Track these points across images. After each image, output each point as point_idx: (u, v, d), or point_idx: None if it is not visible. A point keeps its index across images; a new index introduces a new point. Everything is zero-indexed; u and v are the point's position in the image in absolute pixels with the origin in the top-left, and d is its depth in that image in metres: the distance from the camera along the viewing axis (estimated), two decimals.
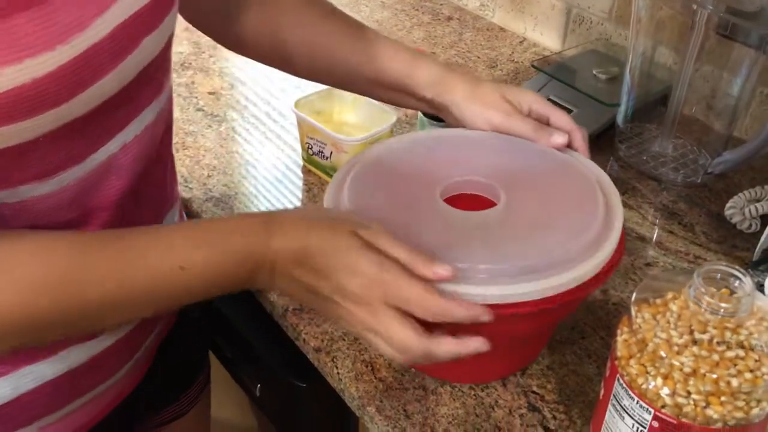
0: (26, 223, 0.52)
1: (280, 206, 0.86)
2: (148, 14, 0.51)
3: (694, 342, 0.48)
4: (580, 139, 0.69)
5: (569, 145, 0.69)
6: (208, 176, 0.90)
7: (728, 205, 0.85)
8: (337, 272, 0.51)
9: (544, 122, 0.70)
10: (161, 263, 0.50)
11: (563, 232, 0.59)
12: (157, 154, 0.61)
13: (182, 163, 0.92)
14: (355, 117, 0.92)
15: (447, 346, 0.52)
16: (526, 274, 0.55)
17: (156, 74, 0.57)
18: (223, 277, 0.52)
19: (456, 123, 0.72)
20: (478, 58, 1.18)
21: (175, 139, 0.96)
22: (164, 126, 0.62)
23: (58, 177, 0.51)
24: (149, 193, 0.62)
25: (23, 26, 0.43)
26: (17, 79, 0.43)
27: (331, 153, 0.87)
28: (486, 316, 0.52)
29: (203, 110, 1.03)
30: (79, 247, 0.50)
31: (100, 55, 0.48)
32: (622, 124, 0.97)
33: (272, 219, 0.53)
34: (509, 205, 0.62)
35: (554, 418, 0.62)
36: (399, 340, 0.51)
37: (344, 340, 0.69)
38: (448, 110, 0.71)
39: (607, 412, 0.53)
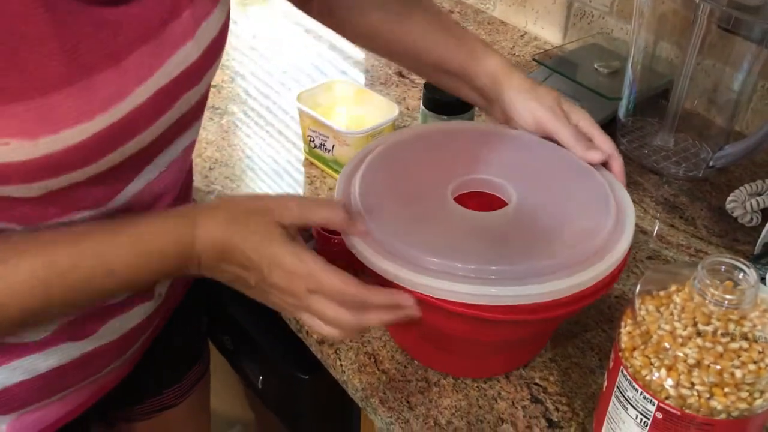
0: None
1: None
2: (192, 74, 0.52)
3: (698, 333, 0.49)
4: (618, 165, 0.68)
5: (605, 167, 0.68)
6: (210, 169, 0.90)
7: (729, 198, 0.85)
8: (260, 264, 0.52)
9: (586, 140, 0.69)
10: (91, 269, 0.50)
11: (573, 236, 0.58)
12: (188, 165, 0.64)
13: None
14: (357, 110, 0.92)
15: (377, 314, 0.53)
16: (533, 276, 0.55)
17: (194, 118, 0.58)
18: (150, 275, 0.53)
19: (500, 117, 0.72)
20: None
21: None
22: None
23: (106, 205, 0.53)
24: (186, 197, 0.66)
25: (63, 101, 0.43)
26: (51, 147, 0.44)
27: (333, 146, 0.87)
28: (409, 302, 0.54)
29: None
30: (7, 252, 0.49)
31: (138, 118, 0.48)
32: (623, 117, 0.97)
33: (194, 215, 0.54)
34: (520, 206, 0.61)
35: (557, 409, 0.63)
36: (331, 317, 0.52)
37: None
38: (499, 101, 0.70)
39: (611, 404, 0.53)
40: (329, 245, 0.72)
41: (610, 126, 0.98)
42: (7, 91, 0.41)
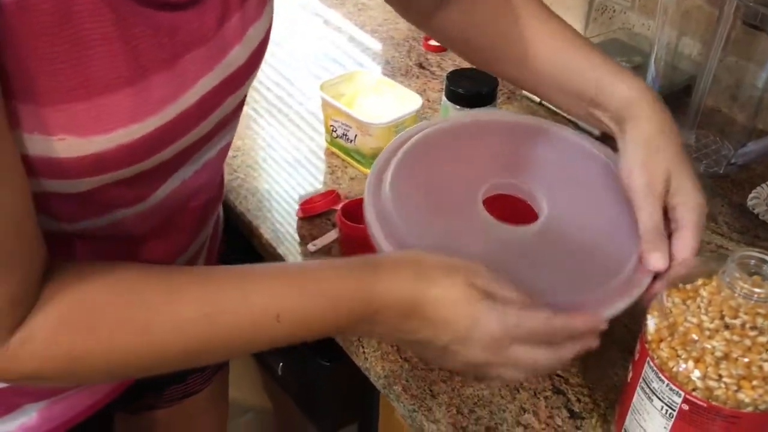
0: (115, 232, 0.53)
1: (305, 187, 0.87)
2: (236, 78, 0.52)
3: (726, 327, 0.49)
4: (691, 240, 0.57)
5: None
6: (233, 156, 0.91)
7: (751, 195, 0.86)
8: (456, 323, 0.50)
9: (669, 229, 0.59)
10: (259, 312, 0.48)
11: (598, 268, 0.57)
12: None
13: None
14: (379, 101, 0.92)
15: (573, 344, 0.52)
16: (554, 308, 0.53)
17: (233, 118, 0.58)
18: (319, 330, 0.51)
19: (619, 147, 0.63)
20: None
21: None
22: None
23: (142, 203, 0.53)
24: (219, 196, 0.66)
25: (121, 102, 0.43)
26: (102, 146, 0.44)
27: (356, 136, 0.87)
28: (604, 324, 0.53)
29: None
30: (173, 285, 0.48)
31: (185, 120, 0.49)
32: None
33: (376, 267, 0.51)
34: (549, 221, 0.60)
35: (578, 401, 0.63)
36: (529, 362, 0.51)
37: None
38: (618, 137, 0.63)
39: (636, 395, 0.54)
40: (352, 234, 0.72)
41: None
42: (70, 89, 0.41)
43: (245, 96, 0.59)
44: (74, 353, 0.46)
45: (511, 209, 0.62)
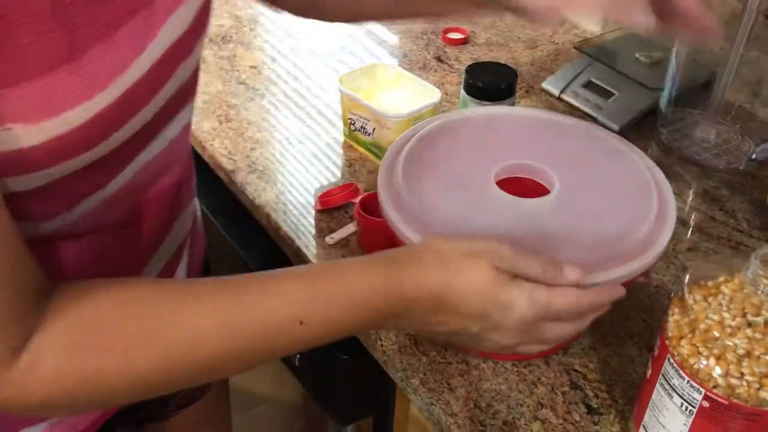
0: (89, 225, 0.51)
1: (323, 180, 0.87)
2: (183, 43, 0.50)
3: (748, 324, 0.49)
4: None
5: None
6: (252, 149, 0.91)
7: None
8: (486, 309, 0.50)
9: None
10: (281, 317, 0.47)
11: (616, 227, 0.59)
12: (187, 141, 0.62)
13: (225, 135, 0.93)
14: (398, 94, 0.92)
15: (593, 314, 0.55)
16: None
17: (189, 94, 0.56)
18: (345, 330, 0.50)
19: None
20: (519, 38, 1.17)
21: (218, 112, 0.97)
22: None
23: (111, 185, 0.51)
24: (188, 179, 0.64)
25: (64, 80, 0.41)
26: (57, 130, 0.42)
27: (374, 129, 0.87)
28: (623, 292, 0.56)
29: (245, 83, 1.03)
30: (189, 296, 0.47)
31: (137, 93, 0.46)
32: (664, 108, 0.96)
33: (398, 263, 0.50)
34: (562, 194, 0.62)
35: (596, 396, 0.63)
36: (555, 337, 0.53)
37: None
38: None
39: (655, 392, 0.54)
40: (371, 227, 0.72)
41: (650, 116, 0.98)
42: (9, 74, 0.39)
43: (197, 70, 0.56)
44: (89, 373, 0.44)
45: (524, 189, 0.63)
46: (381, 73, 0.93)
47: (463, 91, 0.92)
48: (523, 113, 0.74)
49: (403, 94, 0.92)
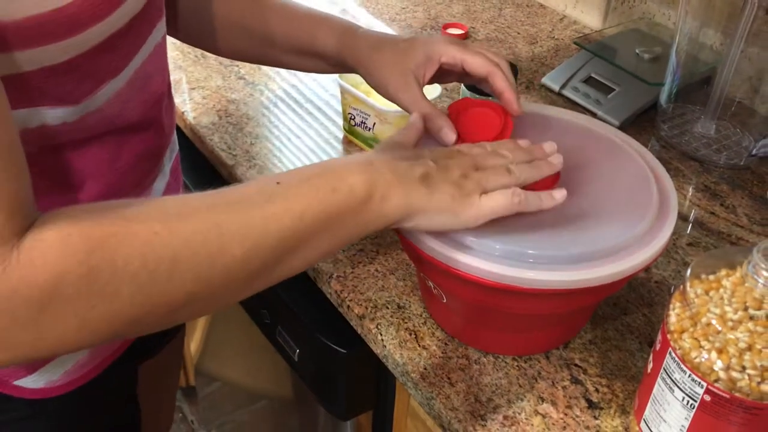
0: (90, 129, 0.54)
1: None
2: None
3: (750, 318, 0.49)
4: (500, 81, 0.64)
5: (496, 90, 0.65)
6: (251, 144, 0.91)
7: None
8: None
9: (458, 70, 0.67)
10: (258, 182, 0.50)
11: (617, 222, 0.59)
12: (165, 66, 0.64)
13: (225, 130, 0.93)
14: None
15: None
16: (578, 263, 0.55)
17: (158, 12, 0.59)
18: (320, 192, 0.49)
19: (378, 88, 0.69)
20: (518, 34, 1.17)
21: (217, 107, 0.97)
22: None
23: (103, 89, 0.52)
24: (170, 94, 0.66)
25: None
26: (41, 5, 0.43)
27: (374, 124, 0.87)
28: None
29: (245, 78, 1.03)
30: (177, 206, 0.46)
31: None
32: (665, 103, 0.96)
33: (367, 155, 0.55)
34: (564, 188, 0.61)
35: (597, 390, 0.63)
36: (498, 164, 0.57)
37: (388, 308, 0.70)
38: (363, 73, 0.70)
39: (656, 386, 0.54)
40: None
41: (650, 111, 0.98)
42: None
43: None
44: (96, 241, 0.41)
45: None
46: None
47: (463, 87, 0.92)
48: (525, 108, 0.74)
49: None
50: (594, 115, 0.98)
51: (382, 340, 0.67)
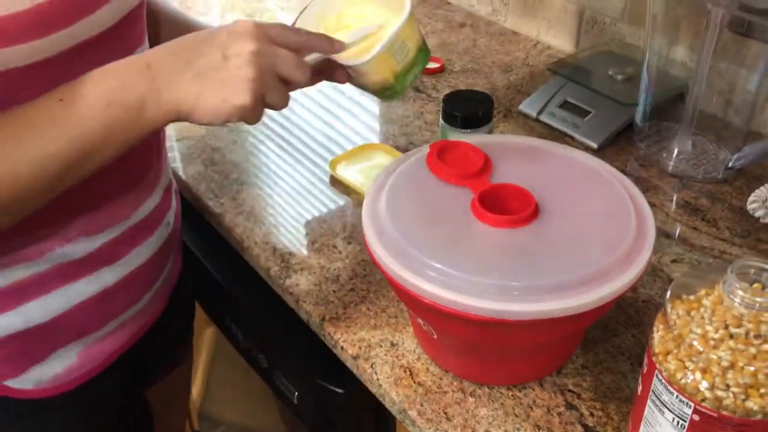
0: None
1: (309, 216, 0.88)
2: None
3: (731, 336, 0.50)
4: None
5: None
6: (238, 191, 0.92)
7: (750, 199, 0.86)
8: (217, 32, 0.56)
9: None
10: (41, 100, 0.54)
11: (597, 246, 0.60)
12: None
13: (211, 178, 0.94)
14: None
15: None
16: (562, 291, 0.57)
17: (137, 22, 0.65)
18: (101, 97, 0.54)
19: None
20: (493, 63, 1.20)
21: (202, 156, 0.98)
22: None
23: None
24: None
25: None
26: (17, 4, 0.50)
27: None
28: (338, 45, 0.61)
29: (228, 126, 1.05)
30: None
31: None
32: (640, 122, 0.98)
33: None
34: (542, 218, 0.63)
35: (592, 415, 0.64)
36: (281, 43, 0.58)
37: (381, 346, 0.71)
38: None
39: (647, 408, 0.55)
40: None
41: (627, 131, 1.00)
42: None
43: (142, 4, 0.65)
44: None
45: (505, 212, 0.63)
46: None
47: (441, 120, 0.93)
48: (501, 140, 0.76)
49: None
50: (572, 138, 0.99)
51: (378, 379, 0.68)
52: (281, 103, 0.58)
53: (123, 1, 0.61)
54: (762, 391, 0.48)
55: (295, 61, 0.57)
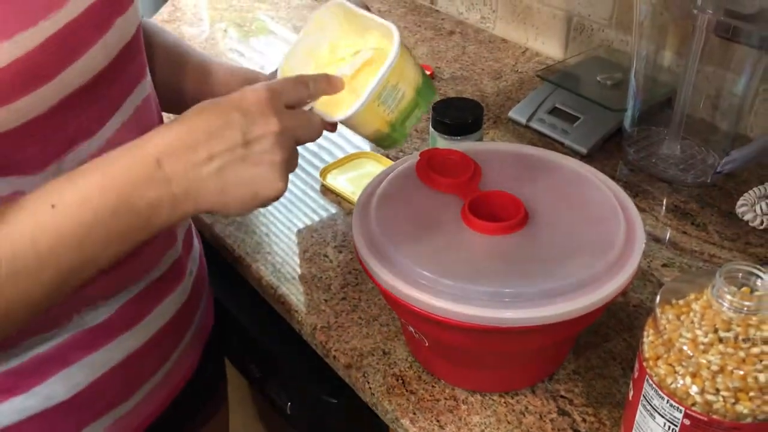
0: None
1: (300, 225, 0.88)
2: None
3: (720, 340, 0.50)
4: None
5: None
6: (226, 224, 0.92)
7: (739, 203, 0.87)
8: (229, 108, 0.51)
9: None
10: (33, 201, 0.47)
11: (587, 252, 0.60)
12: None
13: None
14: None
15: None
16: (553, 297, 0.57)
17: (136, 55, 0.60)
18: (104, 204, 0.48)
19: None
20: (483, 70, 1.20)
21: None
22: (157, 115, 0.67)
23: (71, 154, 0.54)
24: None
25: (4, 5, 0.46)
26: (13, 53, 0.46)
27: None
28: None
29: None
30: None
31: (81, 30, 0.51)
32: (629, 128, 0.99)
33: (142, 137, 0.51)
34: (532, 225, 0.63)
35: (584, 420, 0.64)
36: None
37: (373, 355, 0.71)
38: None
39: (638, 413, 0.55)
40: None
41: (616, 137, 1.00)
42: None
43: (139, 33, 0.61)
44: None
45: (495, 219, 0.63)
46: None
47: (431, 128, 0.94)
48: (491, 147, 0.76)
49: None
50: (562, 144, 1.00)
51: (370, 388, 0.68)
52: (296, 166, 0.55)
53: (117, 35, 0.56)
54: (751, 394, 0.48)
55: (311, 126, 0.55)
